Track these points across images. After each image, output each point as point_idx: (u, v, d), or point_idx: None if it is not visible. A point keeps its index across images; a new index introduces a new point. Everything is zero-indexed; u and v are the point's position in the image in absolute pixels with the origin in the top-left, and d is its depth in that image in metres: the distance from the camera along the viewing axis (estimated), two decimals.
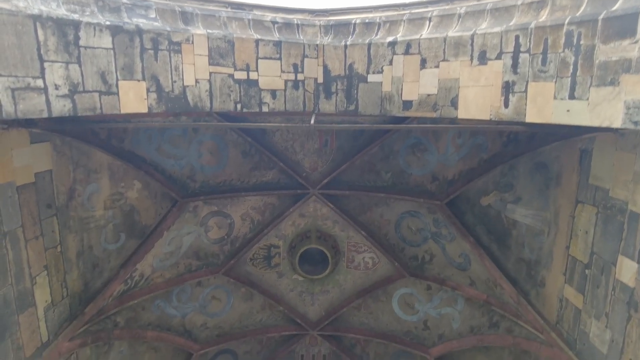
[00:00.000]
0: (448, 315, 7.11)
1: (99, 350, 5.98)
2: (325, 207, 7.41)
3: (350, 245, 7.71)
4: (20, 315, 4.48)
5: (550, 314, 5.31)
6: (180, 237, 6.86)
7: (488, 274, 6.25)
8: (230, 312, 7.72)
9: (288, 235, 7.68)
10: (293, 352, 8.34)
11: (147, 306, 6.62)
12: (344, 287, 7.91)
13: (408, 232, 7.24)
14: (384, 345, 8.01)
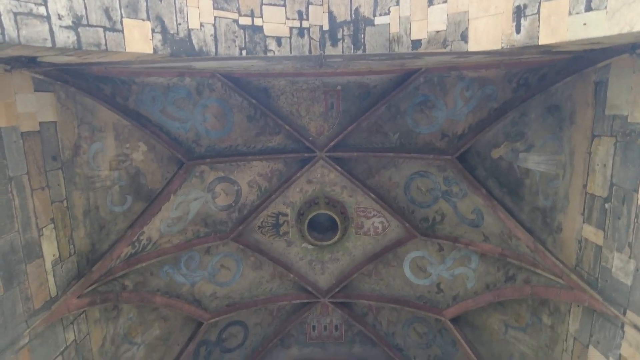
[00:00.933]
0: (462, 276, 6.98)
1: (108, 315, 5.87)
2: (332, 172, 7.31)
3: (359, 211, 7.59)
4: (28, 265, 4.38)
5: (569, 258, 5.18)
6: (188, 203, 6.77)
7: (502, 227, 6.12)
8: (240, 281, 7.61)
9: (296, 203, 7.58)
10: (304, 322, 8.22)
11: (155, 272, 6.51)
12: (354, 253, 7.79)
13: (418, 193, 7.13)
14: (396, 312, 7.88)
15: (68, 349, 5.02)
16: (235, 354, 7.88)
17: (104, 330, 5.79)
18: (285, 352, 8.19)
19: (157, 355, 6.82)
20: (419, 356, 7.83)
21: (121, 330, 6.14)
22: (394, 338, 7.97)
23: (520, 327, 6.28)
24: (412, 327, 7.79)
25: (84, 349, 5.34)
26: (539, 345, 5.94)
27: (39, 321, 4.48)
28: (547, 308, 5.75)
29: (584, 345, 4.99)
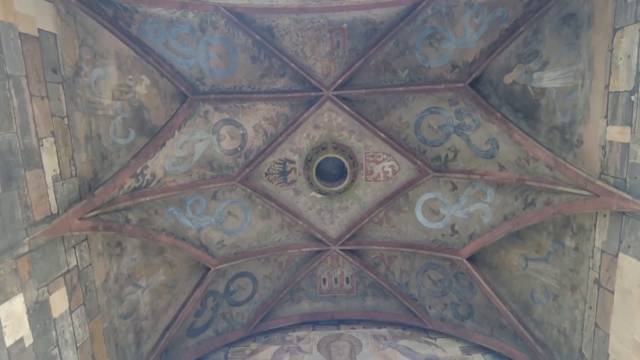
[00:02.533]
0: (477, 212, 6.73)
1: (111, 251, 5.64)
2: (340, 115, 7.11)
3: (368, 156, 7.38)
4: (28, 172, 4.18)
5: (593, 168, 4.95)
6: (193, 144, 6.57)
7: (519, 151, 5.90)
8: (248, 230, 7.37)
9: (303, 149, 7.37)
10: (314, 275, 7.94)
11: (161, 211, 6.29)
12: (364, 201, 7.55)
13: (429, 131, 6.91)
14: (409, 260, 7.60)
15: (70, 272, 4.79)
16: (244, 308, 7.59)
17: (107, 266, 5.56)
18: (295, 306, 7.90)
19: (162, 303, 6.56)
20: (434, 305, 7.53)
21: (125, 270, 5.90)
22: (408, 288, 7.68)
23: (542, 257, 6.02)
24: (426, 274, 7.50)
25: (86, 279, 5.10)
26: (563, 272, 5.68)
27: (39, 232, 4.25)
28: (570, 230, 5.50)
29: (613, 254, 4.74)
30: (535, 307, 6.20)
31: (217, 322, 7.30)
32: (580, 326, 5.38)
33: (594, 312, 5.13)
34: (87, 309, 5.08)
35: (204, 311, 7.08)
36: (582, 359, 5.37)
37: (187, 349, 6.83)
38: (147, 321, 6.33)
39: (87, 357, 5.04)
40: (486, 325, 6.91)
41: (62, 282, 4.66)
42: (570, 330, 5.58)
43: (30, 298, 4.17)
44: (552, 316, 5.93)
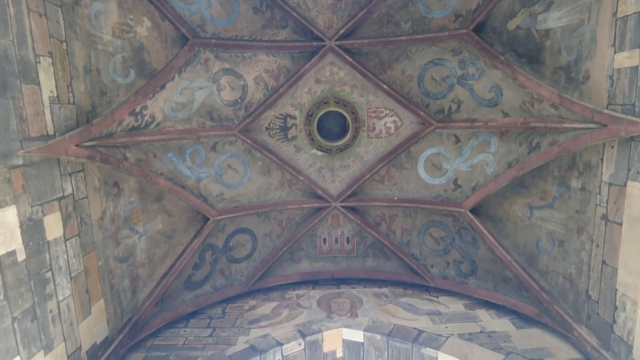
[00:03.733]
0: (481, 164, 6.62)
1: (108, 190, 5.52)
2: (342, 69, 7.04)
3: (371, 112, 7.29)
4: (24, 85, 4.08)
5: (600, 100, 4.86)
6: (192, 91, 6.49)
7: (523, 94, 5.81)
8: (248, 185, 7.26)
9: (304, 105, 7.29)
10: (314, 235, 7.81)
11: (159, 155, 6.18)
12: (366, 159, 7.45)
13: (432, 84, 6.83)
14: (411, 219, 7.48)
15: (65, 199, 4.68)
16: (243, 265, 7.45)
17: (103, 204, 5.44)
18: (295, 266, 7.76)
19: (159, 252, 6.43)
20: (436, 264, 7.39)
21: (122, 212, 5.79)
22: (409, 247, 7.55)
23: (547, 204, 5.91)
24: (428, 232, 7.38)
25: (82, 211, 4.98)
26: (569, 216, 5.56)
27: (34, 148, 4.15)
28: (576, 170, 5.39)
29: (621, 184, 4.64)
30: (540, 256, 6.08)
31: (215, 277, 7.17)
32: (587, 268, 5.25)
33: (601, 249, 5.02)
34: (82, 241, 4.96)
35: (202, 265, 6.95)
36: (589, 301, 5.24)
37: (184, 302, 6.68)
38: (144, 269, 6.20)
39: (81, 290, 4.91)
40: (490, 281, 6.77)
41: (57, 206, 4.55)
42: (577, 274, 5.45)
43: (23, 213, 4.05)
44: (557, 263, 5.81)
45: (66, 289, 4.65)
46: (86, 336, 4.99)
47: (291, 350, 5.99)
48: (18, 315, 3.95)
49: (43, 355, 4.26)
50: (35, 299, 4.17)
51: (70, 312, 4.72)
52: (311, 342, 6.15)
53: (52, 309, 4.41)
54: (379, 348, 6.12)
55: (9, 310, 3.85)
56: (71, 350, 4.71)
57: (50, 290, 4.40)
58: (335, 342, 6.30)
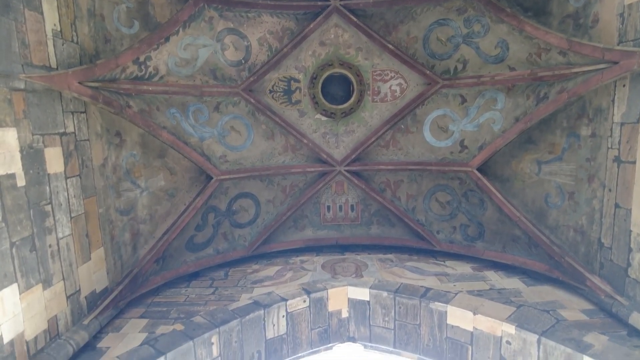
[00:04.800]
0: (487, 122, 6.54)
1: (110, 138, 5.43)
2: (347, 31, 7.00)
3: (376, 75, 7.23)
4: (26, 10, 4.02)
5: (610, 41, 4.80)
6: (196, 48, 6.43)
7: (530, 46, 5.75)
8: (251, 149, 7.17)
9: (308, 68, 7.23)
10: (318, 203, 7.69)
11: (162, 109, 6.10)
12: (370, 124, 7.37)
13: (438, 45, 6.78)
14: (416, 185, 7.37)
15: (67, 136, 4.59)
16: (246, 231, 7.32)
17: (105, 151, 5.35)
18: (299, 233, 7.63)
19: (161, 210, 6.32)
20: (442, 230, 7.26)
21: (123, 163, 5.69)
22: (415, 214, 7.43)
23: (556, 156, 5.81)
24: (434, 197, 7.26)
25: (83, 153, 4.88)
26: (579, 165, 5.46)
27: (37, 76, 4.08)
28: (586, 118, 5.31)
29: (634, 121, 4.55)
30: (550, 212, 5.96)
31: (217, 240, 7.04)
32: (599, 215, 5.14)
33: (613, 193, 4.91)
34: (83, 183, 4.86)
35: (204, 226, 6.82)
36: (601, 249, 5.11)
37: (185, 262, 6.55)
38: (145, 225, 6.08)
39: (81, 233, 4.79)
40: (498, 243, 6.64)
41: (58, 141, 4.45)
42: (588, 224, 5.33)
43: (24, 138, 3.96)
44: (567, 217, 5.69)
45: (66, 227, 4.54)
46: (85, 281, 4.85)
47: (296, 306, 5.84)
48: (16, 241, 3.84)
49: (42, 289, 4.14)
50: (34, 230, 4.06)
51: (70, 253, 4.59)
52: (316, 300, 5.99)
53: (51, 243, 4.29)
54: (386, 306, 5.96)
55: (7, 233, 3.73)
56: (70, 292, 4.57)
57: (50, 225, 4.29)
58: (340, 302, 6.14)
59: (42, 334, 4.14)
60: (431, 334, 5.69)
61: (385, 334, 6.06)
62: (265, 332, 5.63)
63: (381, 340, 6.10)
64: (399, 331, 5.95)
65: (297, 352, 5.98)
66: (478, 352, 5.28)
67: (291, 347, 5.90)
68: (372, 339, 6.16)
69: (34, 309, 4.02)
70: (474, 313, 5.27)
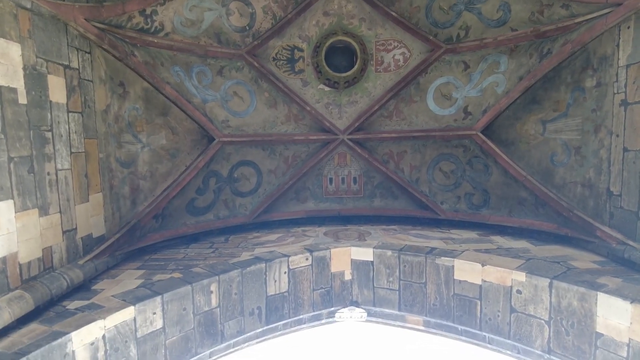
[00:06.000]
0: (491, 85, 6.54)
1: (114, 87, 5.39)
2: (350, 1, 7.09)
3: (379, 45, 7.28)
4: None
5: None
6: (202, 10, 6.47)
7: (532, 4, 5.80)
8: (254, 116, 7.13)
9: (312, 38, 7.29)
10: (320, 175, 7.60)
11: (167, 65, 6.09)
12: (374, 94, 7.37)
13: (440, 13, 6.85)
14: (419, 155, 7.31)
15: (70, 70, 4.54)
16: (247, 200, 7.19)
17: (108, 98, 5.30)
18: (301, 205, 7.49)
19: (162, 169, 6.21)
20: (447, 200, 7.15)
21: (126, 115, 5.63)
22: (419, 185, 7.33)
23: (561, 113, 5.78)
24: (438, 167, 7.18)
25: (86, 92, 4.84)
26: (585, 118, 5.43)
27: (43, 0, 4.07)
28: (590, 69, 5.31)
29: None
30: (556, 171, 5.89)
31: (218, 207, 6.90)
32: (607, 164, 5.07)
33: (621, 139, 4.86)
34: (84, 122, 4.79)
35: (205, 190, 6.71)
36: (611, 198, 5.02)
37: (185, 224, 6.40)
38: (145, 182, 5.97)
39: (80, 171, 4.68)
40: (504, 208, 6.53)
41: (62, 72, 4.41)
42: (596, 176, 5.26)
43: (27, 58, 3.92)
44: (574, 173, 5.61)
45: (65, 160, 4.44)
46: (82, 222, 4.71)
47: (298, 263, 5.67)
48: (15, 157, 3.74)
49: (38, 215, 4.01)
50: (33, 152, 3.97)
51: (68, 188, 4.48)
52: (318, 259, 5.83)
53: (50, 171, 4.19)
54: (390, 265, 5.80)
55: (5, 146, 3.64)
56: (67, 227, 4.43)
57: (50, 152, 4.20)
58: (343, 263, 5.98)
59: (36, 262, 3.98)
60: (438, 292, 5.51)
61: (390, 296, 5.86)
62: (267, 287, 5.44)
63: (385, 303, 5.90)
64: (404, 292, 5.76)
65: (299, 313, 5.77)
66: (487, 306, 5.10)
67: (292, 307, 5.70)
68: (376, 302, 5.96)
69: (28, 232, 3.87)
70: (482, 265, 5.11)
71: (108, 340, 3.89)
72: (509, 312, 4.91)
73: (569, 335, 4.40)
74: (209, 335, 4.90)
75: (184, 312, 4.63)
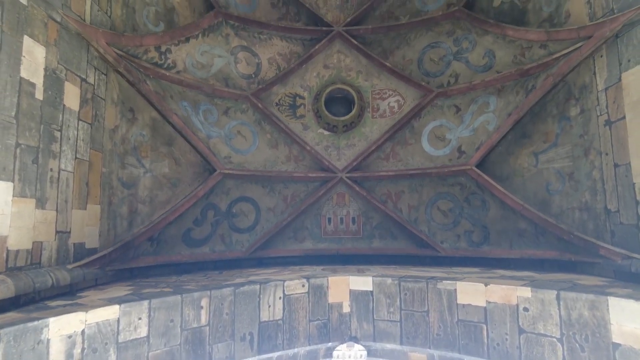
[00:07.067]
0: (482, 124, 6.85)
1: (124, 110, 5.70)
2: (348, 56, 7.80)
3: (375, 94, 7.81)
4: None
5: (584, 21, 5.39)
6: (212, 56, 7.10)
7: (513, 48, 6.39)
8: (255, 154, 7.35)
9: (313, 87, 7.86)
10: (319, 215, 7.58)
11: (175, 98, 6.47)
12: (371, 138, 7.70)
13: (431, 64, 7.49)
14: (417, 195, 7.37)
15: (86, 84, 4.87)
16: (244, 237, 7.07)
17: (118, 120, 5.58)
18: (299, 245, 7.34)
19: (162, 196, 6.25)
20: (446, 239, 7.03)
21: (132, 138, 5.86)
22: (417, 225, 7.26)
23: (551, 144, 5.99)
24: (436, 206, 7.20)
25: (98, 108, 5.12)
26: (574, 144, 5.63)
27: (72, 18, 4.54)
28: (573, 98, 5.65)
29: (616, 81, 4.88)
30: (553, 200, 5.92)
31: (215, 241, 6.78)
32: (601, 183, 5.14)
33: (611, 156, 5.00)
34: (92, 134, 4.99)
35: (203, 222, 6.66)
36: (609, 216, 5.00)
37: (179, 253, 6.24)
38: (144, 206, 5.97)
39: (82, 177, 4.76)
40: (504, 242, 6.41)
41: (79, 83, 4.73)
42: (592, 197, 5.29)
43: (50, 61, 4.25)
44: (570, 198, 5.65)
45: (69, 163, 4.55)
46: (77, 229, 4.66)
47: (294, 289, 5.43)
48: (23, 144, 3.86)
49: (34, 206, 4.00)
50: (40, 145, 4.10)
51: (68, 189, 4.52)
52: (315, 287, 5.59)
53: (53, 168, 4.27)
54: (390, 294, 5.53)
55: (15, 131, 3.79)
56: (60, 228, 4.38)
57: (56, 151, 4.33)
58: (341, 293, 5.71)
59: (24, 254, 3.87)
60: (441, 319, 5.19)
61: (391, 329, 5.50)
62: (260, 312, 5.15)
63: (386, 337, 5.51)
64: (406, 323, 5.42)
65: (294, 346, 5.36)
66: (494, 330, 4.77)
67: (287, 337, 5.32)
68: (377, 337, 5.57)
69: (22, 220, 3.84)
70: (485, 285, 4.90)
71: (87, 337, 3.62)
72: (517, 333, 4.59)
73: (584, 351, 4.07)
74: (196, 355, 4.52)
75: (171, 324, 4.35)
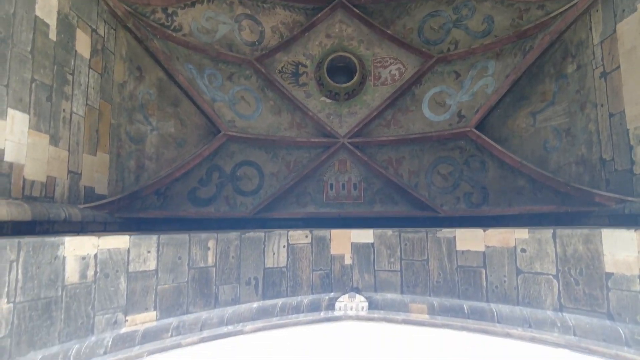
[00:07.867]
0: (482, 88, 6.98)
1: (132, 68, 5.85)
2: (350, 25, 7.93)
3: (376, 62, 7.94)
4: None
5: None
6: (217, 23, 7.23)
7: (512, 11, 6.51)
8: (259, 120, 7.49)
9: (315, 56, 7.98)
10: (321, 181, 7.71)
11: (181, 60, 6.61)
12: (372, 105, 7.83)
13: (431, 32, 7.61)
14: (417, 160, 7.51)
15: (97, 35, 5.01)
16: (248, 200, 7.21)
17: (126, 76, 5.72)
18: (301, 209, 7.49)
19: (168, 154, 6.40)
20: (446, 202, 7.17)
21: (140, 96, 6.01)
22: (418, 189, 7.40)
23: (549, 102, 6.13)
24: (436, 171, 7.34)
25: (107, 61, 5.26)
26: (571, 100, 5.77)
27: None
28: (570, 56, 5.79)
29: (611, 32, 5.02)
30: (550, 156, 6.06)
31: (219, 202, 6.92)
32: (597, 135, 5.28)
33: (605, 107, 5.14)
34: (102, 84, 5.14)
35: (208, 182, 6.80)
36: (605, 166, 5.14)
37: (186, 210, 6.39)
38: (151, 162, 6.12)
39: (92, 124, 4.90)
40: (503, 202, 6.56)
41: (90, 32, 4.88)
42: (588, 149, 5.43)
43: (62, 5, 4.40)
44: (567, 154, 5.79)
45: (80, 108, 4.69)
46: (87, 173, 4.81)
47: (297, 239, 5.57)
48: (38, 80, 4.01)
49: (48, 142, 4.14)
50: (54, 84, 4.24)
51: (80, 133, 4.67)
52: (318, 238, 5.73)
53: (65, 109, 4.42)
54: (391, 245, 5.68)
55: (31, 66, 3.93)
56: (72, 168, 4.52)
57: (68, 93, 4.47)
58: (343, 246, 5.85)
59: (39, 186, 4.02)
60: (440, 267, 5.34)
61: (392, 278, 5.65)
62: (265, 258, 5.30)
63: (387, 287, 5.66)
64: (406, 272, 5.57)
65: (297, 293, 5.51)
66: (493, 274, 4.92)
67: (291, 284, 5.47)
68: (378, 287, 5.72)
69: (37, 152, 3.98)
70: (484, 230, 5.05)
71: (99, 262, 3.77)
72: (515, 274, 4.74)
73: (579, 284, 4.21)
74: (202, 295, 4.67)
75: (179, 261, 4.50)
